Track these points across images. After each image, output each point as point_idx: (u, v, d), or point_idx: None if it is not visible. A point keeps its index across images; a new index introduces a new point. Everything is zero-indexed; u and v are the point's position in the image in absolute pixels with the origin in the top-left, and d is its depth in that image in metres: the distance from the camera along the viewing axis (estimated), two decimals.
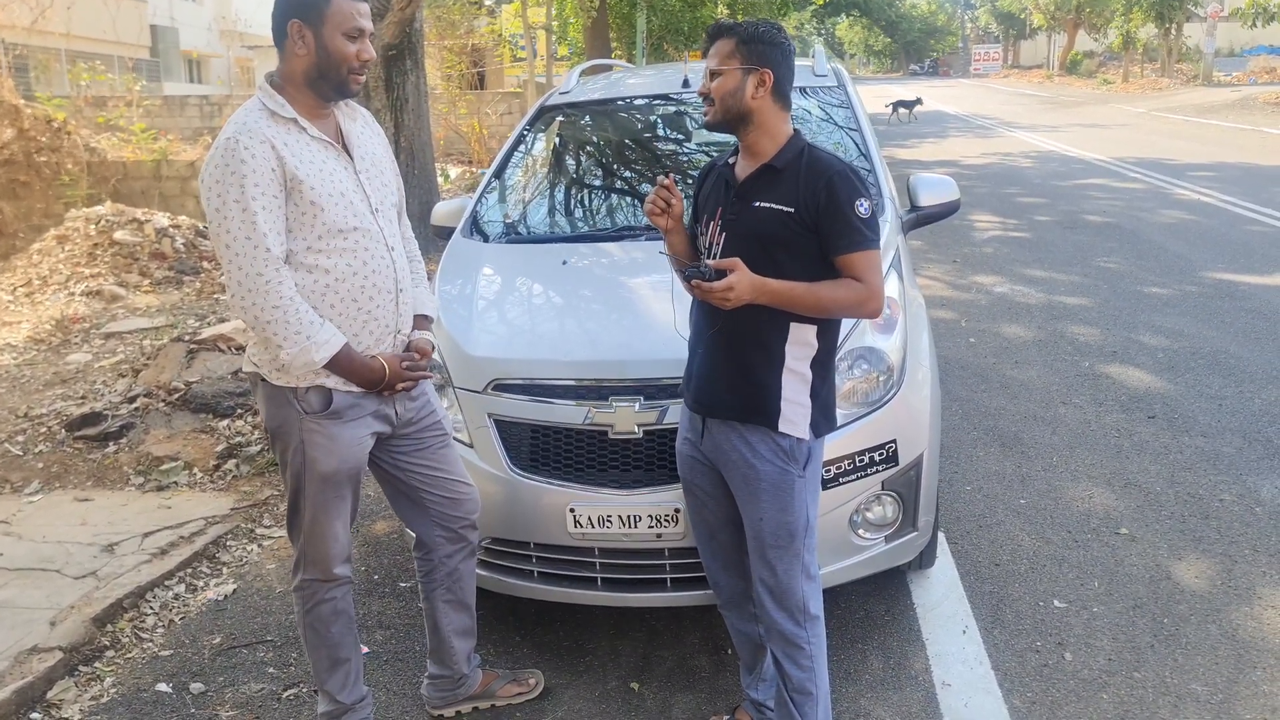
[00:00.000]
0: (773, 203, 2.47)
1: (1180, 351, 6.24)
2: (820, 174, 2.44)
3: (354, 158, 2.61)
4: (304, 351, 2.41)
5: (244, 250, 2.37)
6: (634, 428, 3.02)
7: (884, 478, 3.15)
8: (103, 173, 13.90)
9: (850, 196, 2.42)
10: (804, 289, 2.41)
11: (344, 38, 2.46)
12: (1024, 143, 21.90)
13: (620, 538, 3.07)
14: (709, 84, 2.47)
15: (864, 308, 2.45)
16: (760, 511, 2.54)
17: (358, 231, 2.55)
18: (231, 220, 2.36)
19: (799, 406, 2.51)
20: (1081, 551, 3.84)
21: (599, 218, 4.30)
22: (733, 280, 2.33)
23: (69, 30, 18.55)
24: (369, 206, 2.60)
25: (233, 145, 2.37)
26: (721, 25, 2.50)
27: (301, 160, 2.45)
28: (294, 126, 2.49)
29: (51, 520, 4.48)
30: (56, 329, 7.81)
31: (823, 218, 2.42)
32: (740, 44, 2.45)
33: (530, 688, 3.15)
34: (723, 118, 2.48)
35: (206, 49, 35.74)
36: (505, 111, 22.11)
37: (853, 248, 2.41)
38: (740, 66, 2.45)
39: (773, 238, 2.45)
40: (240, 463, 4.98)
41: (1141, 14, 42.47)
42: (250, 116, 2.45)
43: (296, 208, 2.45)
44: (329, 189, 2.49)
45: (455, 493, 2.92)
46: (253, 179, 2.36)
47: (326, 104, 2.58)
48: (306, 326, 2.41)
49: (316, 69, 2.48)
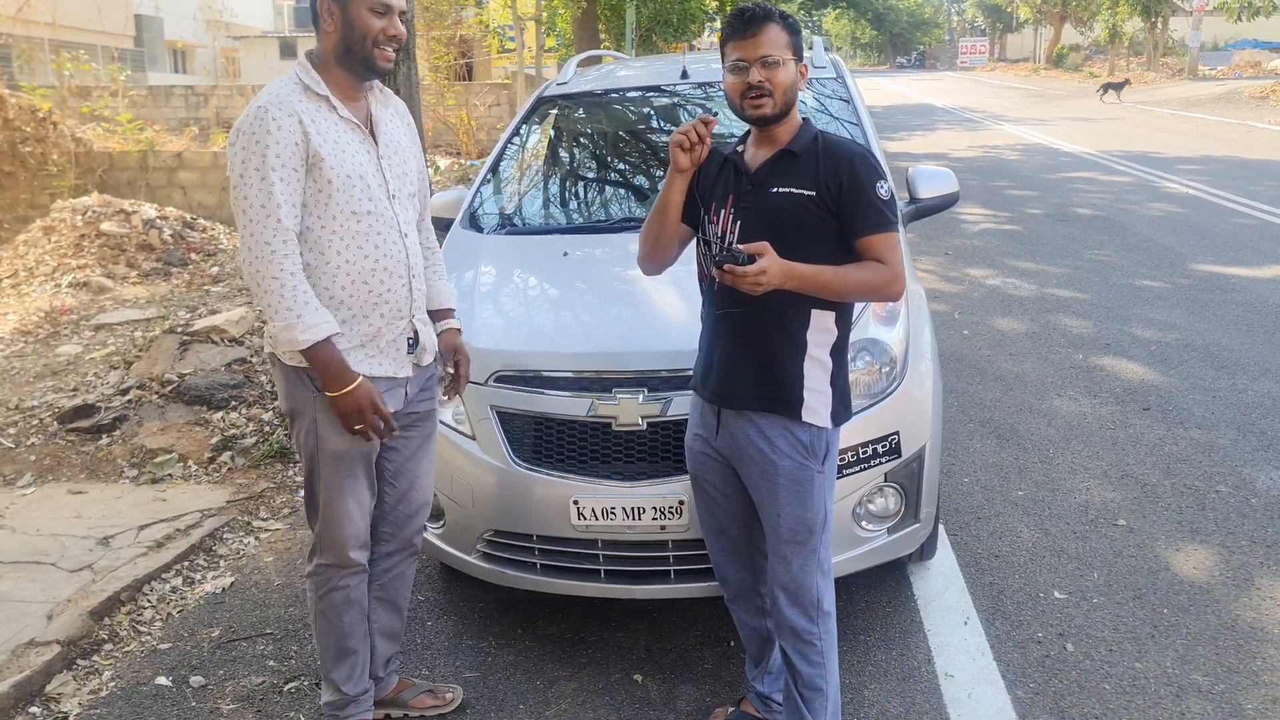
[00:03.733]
0: (792, 187, 2.46)
1: (1173, 344, 6.27)
2: (841, 157, 2.45)
3: (379, 143, 2.63)
4: (289, 328, 2.41)
5: (257, 218, 2.40)
6: (638, 419, 3.02)
7: (887, 469, 3.15)
8: (89, 163, 13.79)
9: (872, 178, 2.43)
10: (831, 272, 2.39)
11: (370, 12, 2.48)
12: (1012, 136, 21.95)
13: (624, 530, 3.06)
14: (766, 74, 2.41)
15: (888, 289, 2.44)
16: (779, 508, 2.53)
17: (371, 215, 2.56)
18: (250, 187, 2.40)
19: (820, 395, 2.51)
20: (1080, 543, 3.85)
21: (599, 209, 4.28)
22: (765, 264, 2.30)
23: (54, 20, 18.35)
24: (386, 192, 2.61)
25: (261, 114, 2.41)
26: (769, 10, 2.44)
27: (325, 139, 2.48)
28: (325, 105, 2.52)
29: (45, 513, 4.45)
30: (45, 320, 7.74)
31: (845, 200, 2.41)
32: (793, 33, 2.45)
33: (446, 702, 3.06)
34: (782, 109, 2.45)
35: (192, 39, 35.49)
36: (494, 103, 22.04)
37: (876, 229, 2.41)
38: (795, 57, 2.45)
39: (792, 222, 2.44)
40: (235, 455, 4.95)
41: (1128, 7, 42.61)
42: (284, 89, 2.48)
43: (314, 184, 2.47)
44: (347, 170, 2.51)
45: (417, 499, 2.91)
46: (275, 149, 2.39)
47: (359, 84, 2.60)
48: (300, 305, 2.41)
49: (344, 44, 2.50)
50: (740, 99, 2.47)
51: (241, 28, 36.16)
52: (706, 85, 4.57)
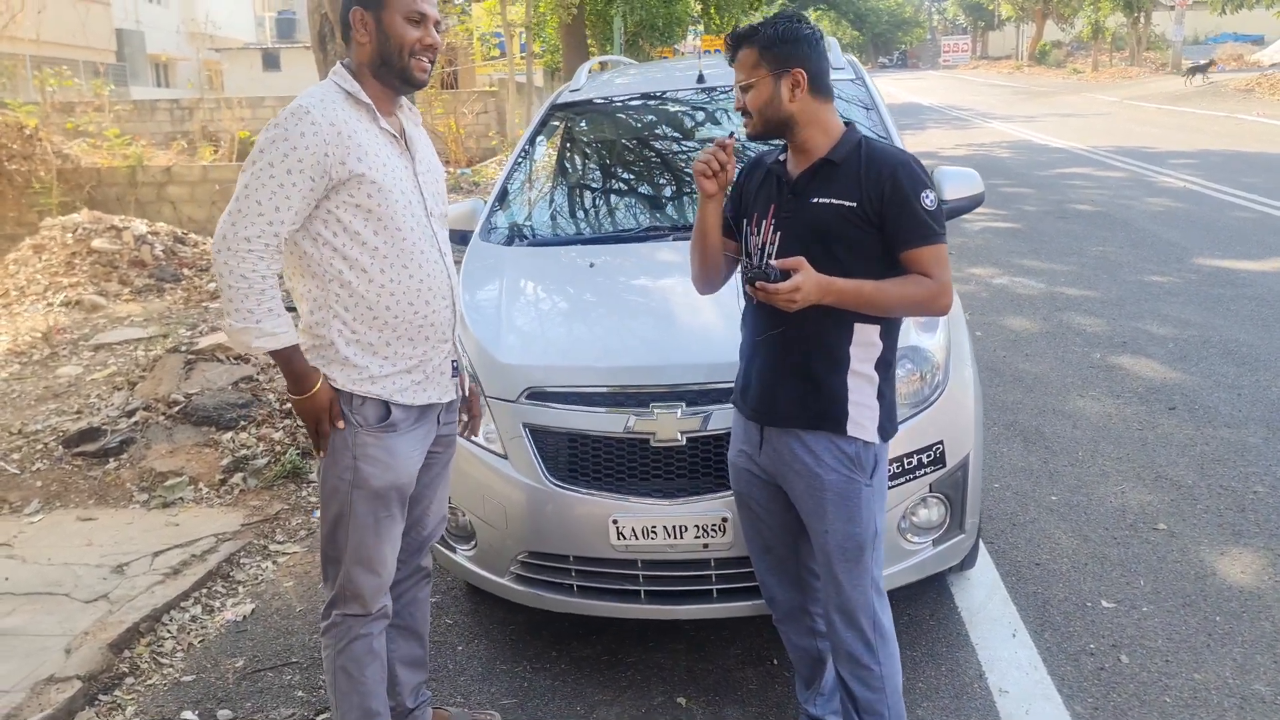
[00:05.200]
0: (833, 198, 2.38)
1: (1190, 341, 6.21)
2: (884, 166, 2.36)
3: (415, 159, 2.53)
4: (245, 331, 2.29)
5: (248, 210, 2.27)
6: (677, 435, 2.92)
7: (932, 480, 3.07)
8: (77, 180, 13.64)
9: (916, 188, 2.34)
10: (873, 287, 2.32)
11: (405, 21, 2.37)
12: (1001, 133, 21.97)
13: (665, 549, 2.97)
14: (743, 99, 2.40)
15: (935, 304, 2.37)
16: (826, 524, 2.45)
17: (414, 232, 2.46)
18: (258, 178, 2.27)
19: (866, 409, 2.43)
20: (1122, 549, 3.77)
21: (622, 218, 4.18)
22: (799, 280, 2.23)
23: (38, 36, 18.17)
24: (425, 209, 2.51)
25: (300, 114, 2.29)
26: (739, 35, 2.41)
27: (367, 151, 2.36)
28: (367, 114, 2.41)
29: (55, 541, 4.33)
30: (41, 341, 7.60)
31: (888, 211, 2.33)
32: (763, 50, 2.37)
33: None
34: (764, 129, 2.42)
35: (175, 52, 35.27)
36: (481, 110, 21.93)
37: (921, 241, 2.33)
38: (770, 73, 2.36)
39: (834, 234, 2.36)
40: (247, 476, 4.83)
41: (1110, 3, 42.76)
42: (329, 94, 2.37)
43: (353, 199, 2.35)
44: (390, 183, 2.40)
45: (430, 523, 2.80)
46: (299, 154, 2.27)
47: (394, 97, 2.50)
48: (262, 311, 2.28)
49: (379, 55, 2.40)
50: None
51: (224, 40, 35.88)
52: (723, 89, 4.48)
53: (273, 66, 34.57)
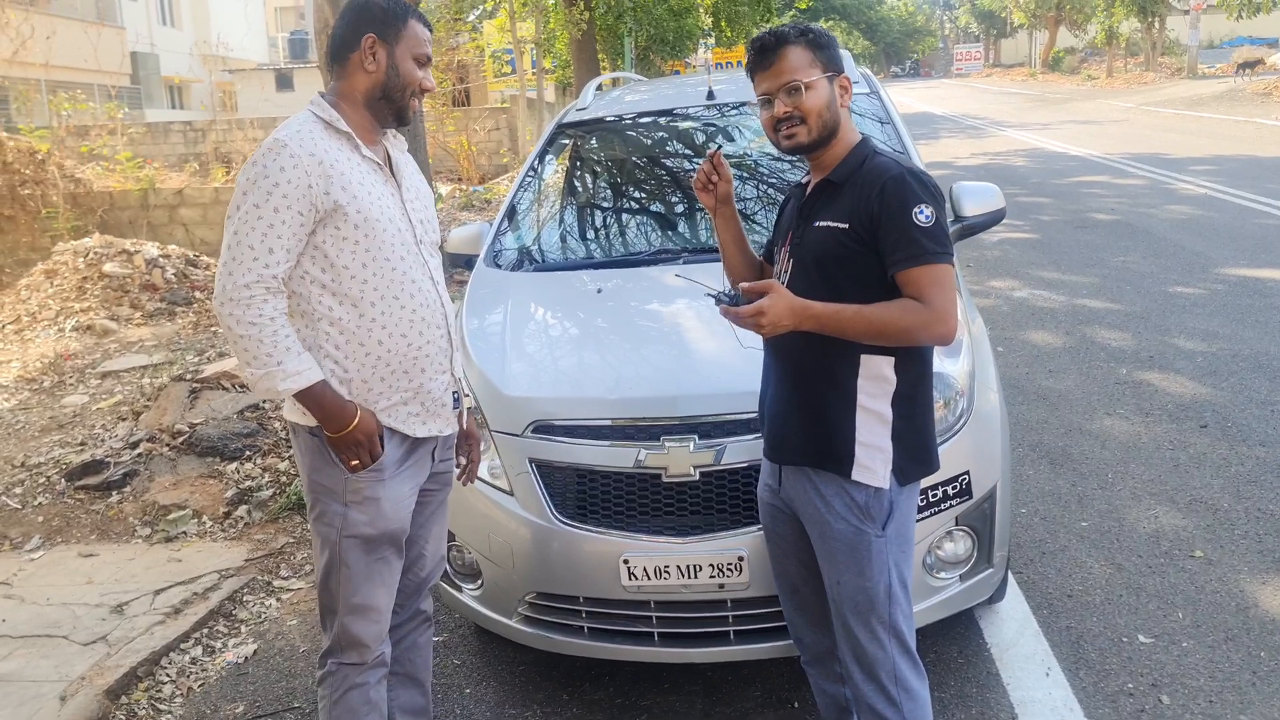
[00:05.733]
0: (830, 220, 2.23)
1: (1220, 354, 6.03)
2: (874, 181, 2.18)
3: (401, 186, 2.43)
4: (269, 376, 2.19)
5: (241, 256, 2.17)
6: (689, 469, 2.79)
7: (958, 512, 2.93)
8: (89, 204, 13.62)
9: (907, 201, 2.13)
10: (852, 312, 2.13)
11: (414, 62, 2.33)
12: (1016, 141, 21.78)
13: (679, 590, 2.83)
14: (791, 101, 2.20)
15: (926, 332, 2.13)
16: (837, 573, 2.30)
17: (405, 261, 2.35)
18: (244, 222, 2.18)
19: (876, 451, 2.24)
20: (1158, 578, 3.61)
21: (630, 241, 4.06)
22: (763, 304, 2.06)
23: (48, 61, 18.25)
24: (414, 237, 2.41)
25: (278, 149, 2.19)
26: (781, 34, 2.23)
27: (350, 181, 2.26)
28: (347, 143, 2.31)
29: (55, 579, 4.22)
30: (49, 369, 7.53)
31: (879, 229, 2.15)
32: (818, 49, 2.22)
33: None
34: (822, 134, 2.23)
35: (188, 74, 35.46)
36: (493, 127, 21.95)
37: (912, 261, 2.12)
38: (825, 74, 2.22)
39: (831, 259, 2.21)
40: (252, 509, 4.72)
41: (1124, 8, 42.51)
42: (305, 125, 2.27)
43: (339, 231, 2.25)
44: (375, 213, 2.30)
45: (429, 564, 2.67)
46: (282, 190, 2.17)
47: (380, 129, 2.41)
48: (280, 352, 2.18)
49: (383, 89, 2.32)
50: (774, 132, 2.27)
51: (237, 61, 36.06)
52: (734, 105, 4.36)
53: (286, 86, 34.70)
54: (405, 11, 2.33)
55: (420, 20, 2.35)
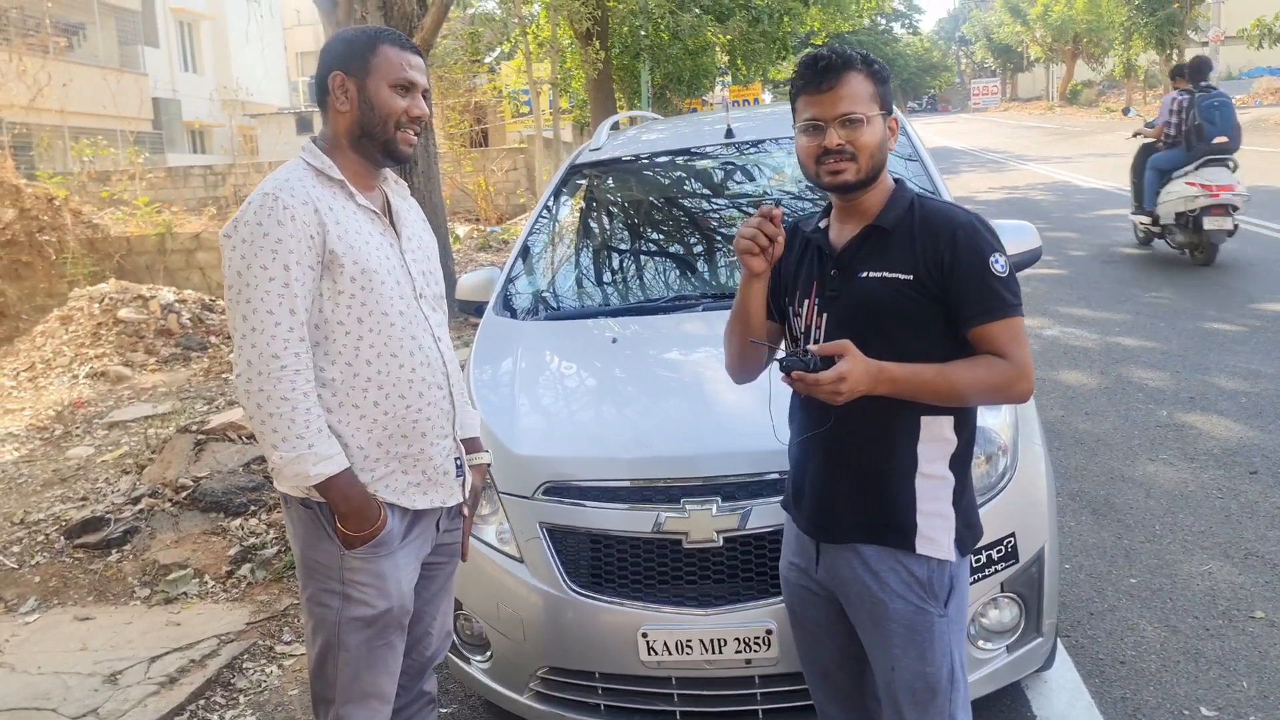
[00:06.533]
0: (885, 271, 2.02)
1: (1265, 395, 5.77)
2: (942, 229, 2.00)
3: (400, 236, 2.24)
4: (300, 460, 1.99)
5: (263, 325, 1.98)
6: (712, 534, 2.59)
7: (1003, 578, 2.71)
8: (106, 249, 13.62)
9: (984, 251, 1.98)
10: (934, 372, 1.95)
11: (391, 90, 2.12)
12: (1038, 175, 21.56)
13: (702, 665, 2.62)
14: (846, 134, 1.99)
15: (1012, 390, 1.99)
16: (892, 659, 2.07)
17: (403, 316, 2.16)
18: (255, 288, 1.99)
19: (940, 520, 2.05)
20: (1217, 642, 3.36)
21: (647, 288, 3.87)
22: (844, 369, 1.86)
23: (64, 107, 18.41)
24: (413, 291, 2.22)
25: (270, 203, 2.01)
26: (848, 56, 2.02)
27: (346, 230, 2.08)
28: (341, 191, 2.14)
29: (49, 645, 4.03)
30: (58, 419, 7.40)
31: (953, 282, 1.97)
32: (879, 82, 2.03)
33: None
34: (868, 175, 2.03)
35: (209, 119, 35.82)
36: (510, 168, 21.93)
37: (993, 315, 1.96)
38: (881, 111, 2.03)
39: (890, 313, 2.00)
40: (255, 567, 4.52)
41: (1142, 40, 42.41)
42: (294, 174, 2.10)
43: (334, 285, 2.06)
44: (373, 264, 2.11)
45: (434, 643, 2.47)
46: (289, 244, 1.99)
47: (375, 170, 2.23)
48: (312, 434, 1.99)
49: (360, 125, 2.13)
50: (815, 164, 2.04)
51: (257, 106, 36.41)
52: (754, 145, 4.19)
53: (305, 129, 35.01)
54: (372, 39, 2.14)
55: (395, 43, 2.15)
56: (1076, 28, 50.64)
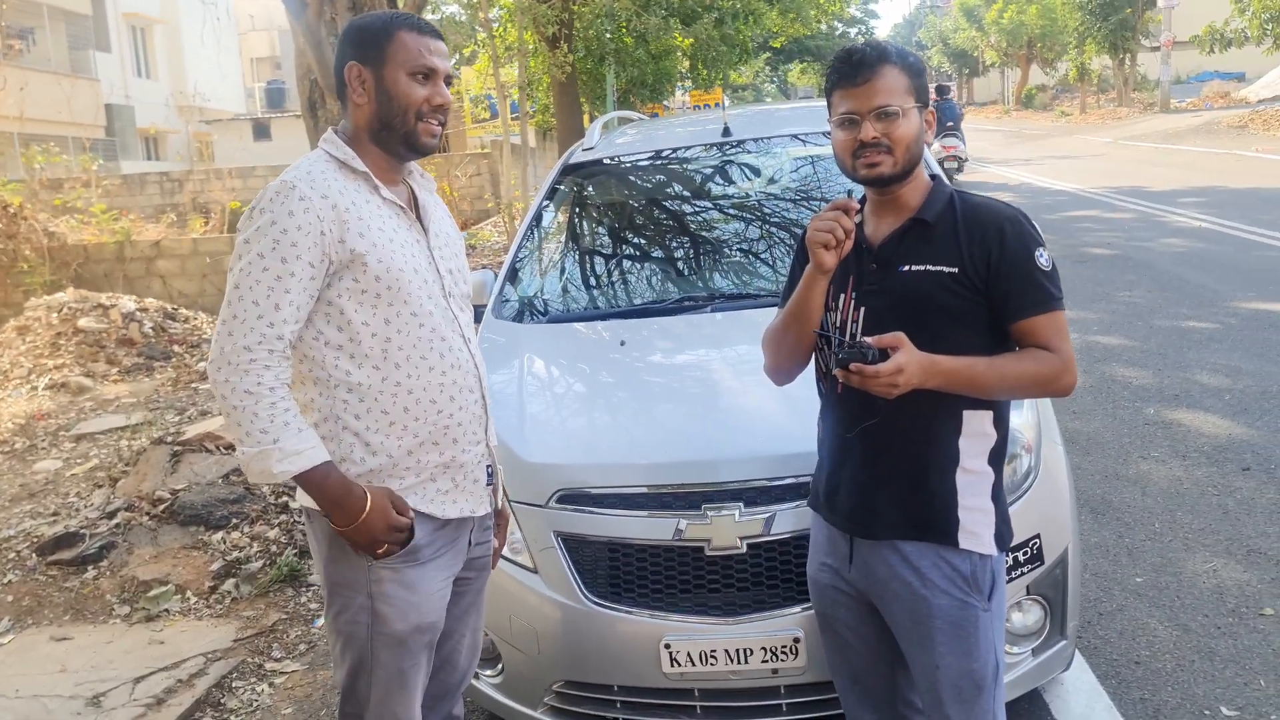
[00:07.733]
0: (929, 264, 1.99)
1: (1248, 391, 5.80)
2: (990, 223, 1.99)
3: (428, 232, 2.14)
4: (263, 456, 1.88)
5: (244, 314, 1.89)
6: (735, 541, 2.52)
7: (1028, 580, 2.66)
8: (63, 257, 13.29)
9: (1030, 246, 1.98)
10: (985, 364, 1.94)
11: (410, 78, 2.01)
12: (1001, 176, 21.76)
13: (727, 676, 2.54)
14: (882, 127, 1.96)
15: (1059, 382, 1.99)
16: (935, 658, 2.02)
17: (433, 317, 2.06)
18: (247, 275, 1.90)
19: (981, 514, 2.03)
20: (1230, 641, 3.33)
21: (653, 288, 3.79)
22: (901, 360, 1.84)
23: (21, 114, 17.97)
24: (442, 289, 2.12)
25: (286, 191, 1.91)
26: (884, 49, 1.99)
27: (369, 226, 1.98)
28: (365, 183, 2.04)
29: (25, 668, 3.87)
30: (20, 431, 7.17)
31: (998, 275, 1.96)
32: (914, 75, 1.99)
33: None
34: (904, 168, 2.00)
35: (164, 125, 35.17)
36: (474, 173, 21.75)
37: (1038, 308, 1.96)
38: (917, 104, 1.99)
39: (933, 307, 1.98)
40: (240, 582, 4.38)
41: (1095, 45, 43.03)
42: (315, 165, 2.00)
43: (357, 284, 1.97)
44: (399, 261, 2.01)
45: (462, 664, 2.37)
46: (292, 236, 1.90)
47: (398, 164, 2.12)
48: (277, 428, 1.88)
49: (379, 118, 2.03)
50: (851, 157, 2.01)
51: (214, 112, 35.80)
52: (750, 142, 4.13)
53: (263, 136, 34.51)
54: (387, 25, 2.02)
55: (413, 28, 2.03)
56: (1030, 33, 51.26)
